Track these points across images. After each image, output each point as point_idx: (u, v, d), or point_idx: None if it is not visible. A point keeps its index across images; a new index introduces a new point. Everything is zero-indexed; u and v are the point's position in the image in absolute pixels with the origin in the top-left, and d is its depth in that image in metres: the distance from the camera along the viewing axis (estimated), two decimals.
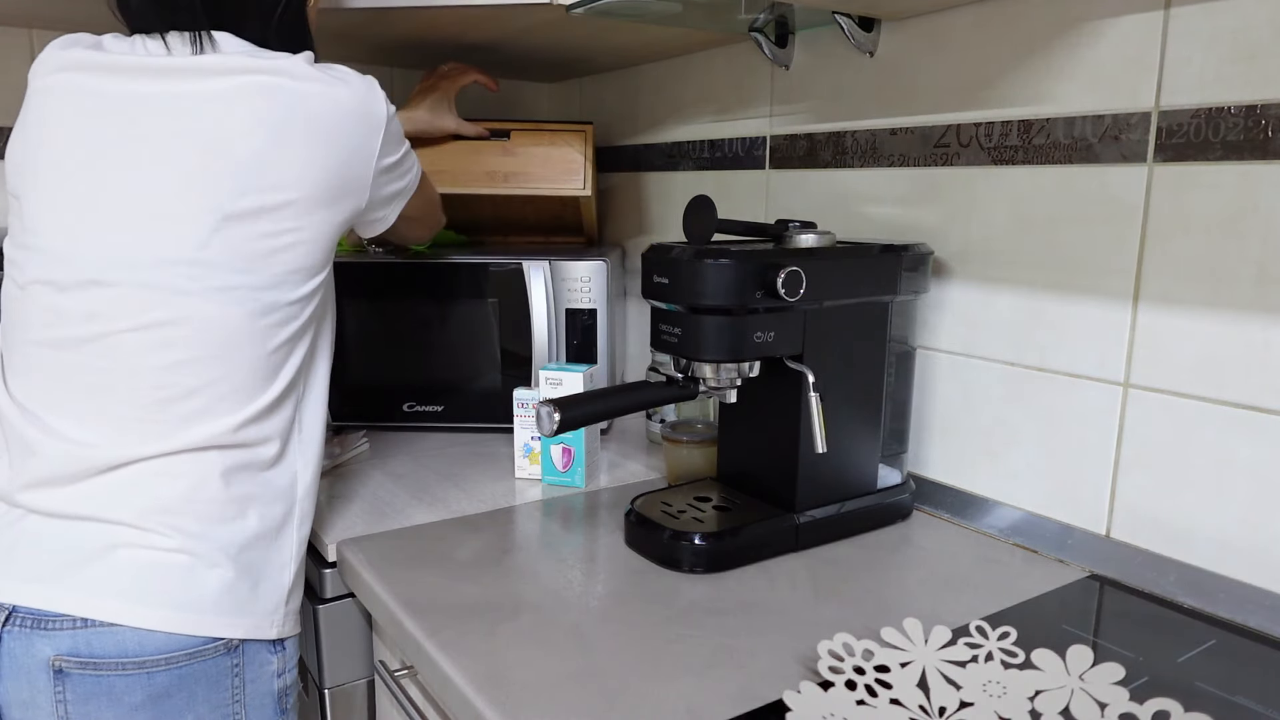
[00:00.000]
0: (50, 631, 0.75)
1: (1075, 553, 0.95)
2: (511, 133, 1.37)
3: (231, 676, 0.80)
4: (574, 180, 1.37)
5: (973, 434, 1.05)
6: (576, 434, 1.16)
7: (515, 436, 1.19)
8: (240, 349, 0.81)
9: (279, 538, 0.85)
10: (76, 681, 0.75)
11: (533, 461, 1.20)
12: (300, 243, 0.82)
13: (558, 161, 1.37)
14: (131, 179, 0.78)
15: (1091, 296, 0.92)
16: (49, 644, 0.75)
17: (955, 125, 1.04)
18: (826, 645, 0.69)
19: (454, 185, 1.38)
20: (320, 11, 1.10)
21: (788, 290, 0.87)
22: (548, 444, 1.18)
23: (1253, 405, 0.81)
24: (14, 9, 1.24)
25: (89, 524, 0.78)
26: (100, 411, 0.79)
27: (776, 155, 1.29)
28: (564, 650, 0.76)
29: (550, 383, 1.16)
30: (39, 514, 0.79)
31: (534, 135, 1.37)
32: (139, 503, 0.78)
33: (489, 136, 1.37)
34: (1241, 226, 0.80)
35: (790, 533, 0.97)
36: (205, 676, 0.78)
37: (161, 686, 0.76)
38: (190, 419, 0.79)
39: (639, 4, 1.03)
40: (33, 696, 0.75)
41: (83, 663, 0.75)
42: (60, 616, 0.75)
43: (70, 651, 0.75)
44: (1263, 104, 0.78)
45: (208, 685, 0.79)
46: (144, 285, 0.78)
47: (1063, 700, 0.63)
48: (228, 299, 0.79)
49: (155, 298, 0.78)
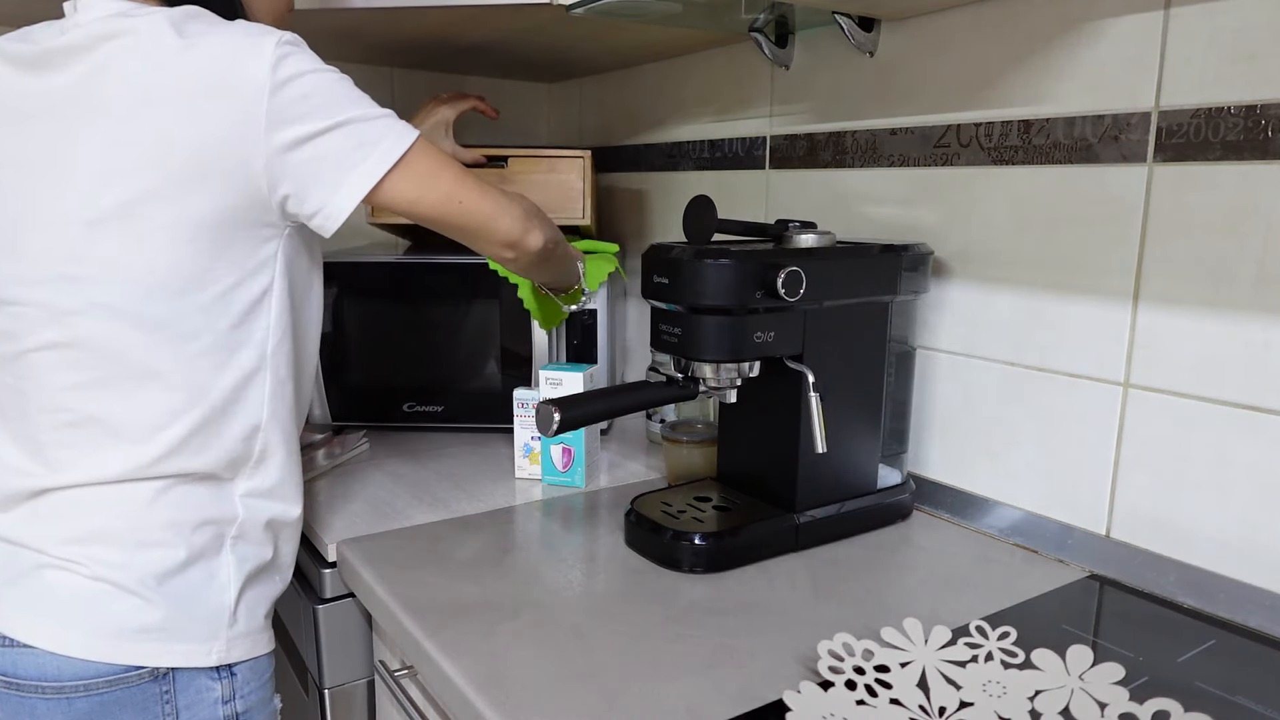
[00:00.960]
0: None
1: (1075, 553, 0.95)
2: (509, 160, 1.35)
3: (161, 704, 0.76)
4: (573, 208, 1.36)
5: (972, 434, 1.05)
6: (576, 434, 1.16)
7: (515, 437, 1.19)
8: (153, 374, 0.74)
9: (213, 561, 0.79)
10: (3, 700, 0.73)
11: (533, 461, 1.20)
12: (179, 241, 0.72)
13: (556, 189, 1.36)
14: (15, 187, 0.74)
15: (1091, 296, 0.92)
16: None
17: (955, 125, 1.04)
18: (826, 645, 0.69)
19: None
20: (321, 12, 1.10)
21: (788, 290, 0.87)
22: (548, 444, 1.18)
23: (1253, 405, 0.81)
24: (13, 8, 1.24)
25: (16, 548, 0.76)
26: (22, 435, 0.76)
27: (776, 155, 1.29)
28: (564, 650, 0.76)
29: (550, 383, 1.16)
30: None
31: (532, 162, 1.35)
32: (59, 532, 0.75)
33: (485, 163, 1.33)
34: (1241, 226, 0.80)
35: (790, 533, 0.97)
36: (130, 703, 0.75)
37: (82, 712, 0.73)
38: (101, 446, 0.75)
39: (639, 4, 1.03)
40: None
41: (8, 682, 0.73)
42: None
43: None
44: (1263, 104, 0.78)
45: (133, 712, 0.75)
46: (37, 303, 0.73)
47: (1063, 700, 0.63)
48: (120, 318, 0.73)
49: (45, 316, 0.73)
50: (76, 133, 0.72)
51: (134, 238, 0.72)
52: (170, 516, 0.77)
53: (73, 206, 0.72)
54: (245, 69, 0.71)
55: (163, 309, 0.74)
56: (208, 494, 0.79)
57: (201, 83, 0.71)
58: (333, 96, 0.75)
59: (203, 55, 0.71)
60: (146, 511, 0.76)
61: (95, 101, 0.72)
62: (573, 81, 1.79)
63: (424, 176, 0.80)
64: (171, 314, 0.74)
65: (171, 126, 0.71)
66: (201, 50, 0.71)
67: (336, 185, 0.76)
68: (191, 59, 0.71)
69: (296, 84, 0.73)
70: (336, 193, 0.76)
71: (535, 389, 1.18)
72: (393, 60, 1.61)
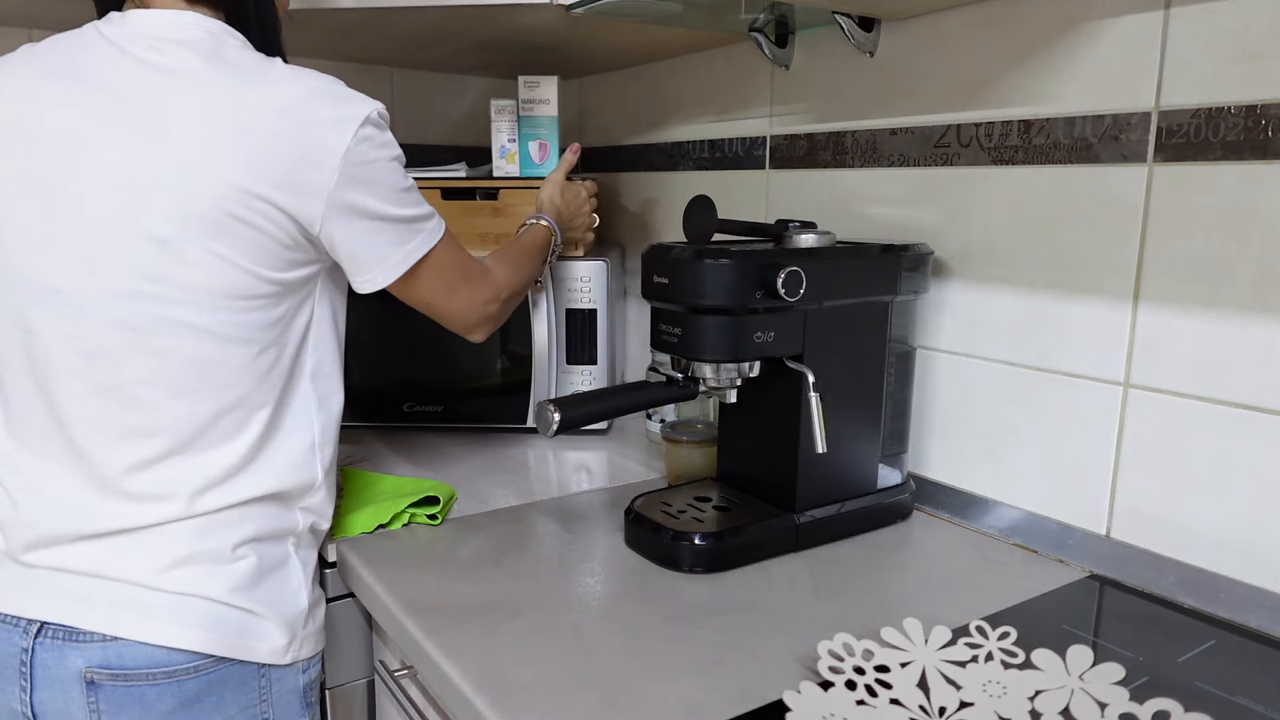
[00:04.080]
0: (81, 644, 0.75)
1: (1075, 553, 0.95)
2: (499, 192, 1.36)
3: (259, 679, 0.81)
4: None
5: (973, 434, 1.05)
6: (551, 130, 1.35)
7: (493, 141, 1.36)
8: (230, 397, 0.79)
9: (284, 568, 0.84)
10: (108, 692, 0.75)
11: (509, 161, 1.36)
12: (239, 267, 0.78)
13: None
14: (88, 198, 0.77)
15: (1091, 296, 0.92)
16: (80, 656, 0.75)
17: (955, 125, 1.04)
18: (826, 645, 0.69)
19: None
20: (321, 11, 1.10)
21: (788, 290, 0.87)
22: (525, 141, 1.36)
23: (1253, 405, 0.81)
24: (14, 9, 1.24)
25: (106, 581, 0.77)
26: (89, 470, 0.78)
27: (776, 155, 1.29)
28: (564, 650, 0.76)
29: None
30: (46, 569, 0.78)
31: (524, 195, 1.35)
32: (149, 565, 0.77)
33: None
34: (1241, 226, 0.80)
35: (790, 533, 0.97)
36: (233, 679, 0.79)
37: (191, 692, 0.77)
38: (175, 479, 0.78)
39: (639, 4, 1.03)
40: (66, 706, 0.76)
41: (114, 674, 0.75)
42: (89, 632, 0.75)
43: (101, 663, 0.75)
44: (1263, 104, 0.78)
45: (235, 687, 0.79)
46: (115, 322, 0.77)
47: (1063, 700, 0.63)
48: (201, 335, 0.77)
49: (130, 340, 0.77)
50: (144, 154, 0.74)
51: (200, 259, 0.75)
52: (248, 533, 0.81)
53: (143, 225, 0.73)
54: (325, 139, 0.76)
55: (229, 325, 0.77)
56: (278, 510, 0.84)
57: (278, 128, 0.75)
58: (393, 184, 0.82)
59: (281, 98, 0.76)
60: (228, 534, 0.80)
61: (166, 126, 0.74)
62: (573, 81, 1.79)
63: (425, 285, 0.90)
64: (239, 330, 0.78)
65: (238, 166, 0.74)
66: (280, 91, 0.76)
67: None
68: (271, 100, 0.76)
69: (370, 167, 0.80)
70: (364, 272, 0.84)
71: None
72: (393, 60, 1.61)
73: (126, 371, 0.75)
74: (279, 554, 0.84)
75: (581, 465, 1.26)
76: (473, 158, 1.53)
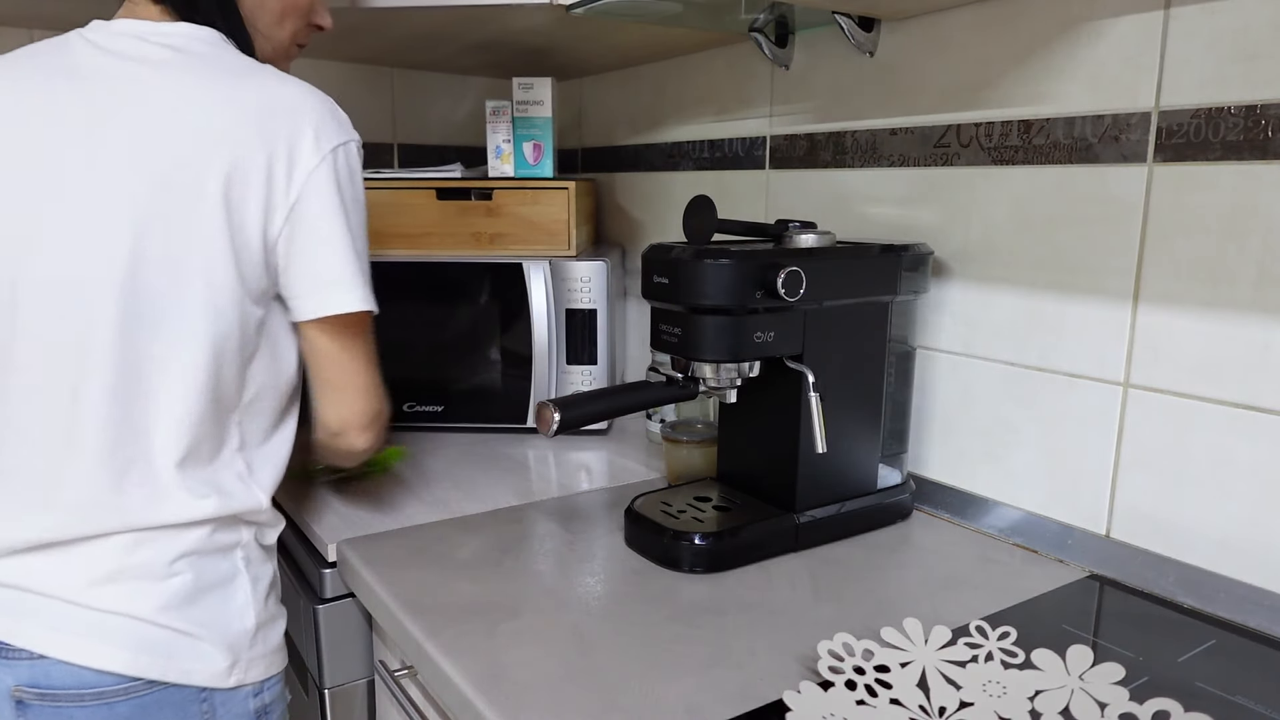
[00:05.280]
0: (11, 661, 0.73)
1: (1075, 553, 0.95)
2: (494, 192, 1.36)
3: (199, 703, 0.77)
4: (559, 242, 1.37)
5: (973, 434, 1.05)
6: (546, 130, 1.39)
7: (488, 141, 1.39)
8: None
9: (229, 588, 0.80)
10: (36, 712, 0.73)
11: (505, 161, 1.38)
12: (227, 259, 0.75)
13: (541, 223, 1.37)
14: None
15: (1091, 296, 0.92)
16: (10, 674, 0.73)
17: (955, 125, 1.04)
18: (826, 645, 0.69)
19: (440, 248, 1.37)
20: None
21: (788, 290, 0.87)
22: (520, 141, 1.38)
23: (1253, 405, 0.81)
24: (14, 9, 1.24)
25: (35, 595, 0.74)
26: (28, 481, 0.75)
27: (776, 155, 1.29)
28: (564, 650, 0.76)
29: None
30: None
31: (517, 195, 1.36)
32: (79, 578, 0.74)
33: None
34: (1241, 226, 0.80)
35: (790, 533, 0.97)
36: (170, 703, 0.75)
37: (123, 715, 0.74)
38: (115, 497, 0.74)
39: (639, 4, 1.03)
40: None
41: (41, 694, 0.73)
42: (19, 649, 0.73)
43: (29, 682, 0.73)
44: (1263, 104, 0.78)
45: (173, 711, 0.75)
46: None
47: (1063, 700, 0.63)
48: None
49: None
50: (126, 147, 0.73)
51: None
52: (185, 547, 0.77)
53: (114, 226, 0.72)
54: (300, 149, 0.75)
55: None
56: (219, 523, 0.79)
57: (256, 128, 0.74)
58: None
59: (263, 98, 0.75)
60: (163, 548, 0.76)
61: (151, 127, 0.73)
62: (573, 81, 1.79)
63: (348, 342, 0.83)
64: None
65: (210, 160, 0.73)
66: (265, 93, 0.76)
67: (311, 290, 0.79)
68: (253, 99, 0.75)
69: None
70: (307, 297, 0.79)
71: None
72: (393, 60, 1.61)
73: (76, 374, 0.73)
74: (224, 570, 0.79)
75: (581, 465, 1.26)
76: (473, 158, 1.53)
